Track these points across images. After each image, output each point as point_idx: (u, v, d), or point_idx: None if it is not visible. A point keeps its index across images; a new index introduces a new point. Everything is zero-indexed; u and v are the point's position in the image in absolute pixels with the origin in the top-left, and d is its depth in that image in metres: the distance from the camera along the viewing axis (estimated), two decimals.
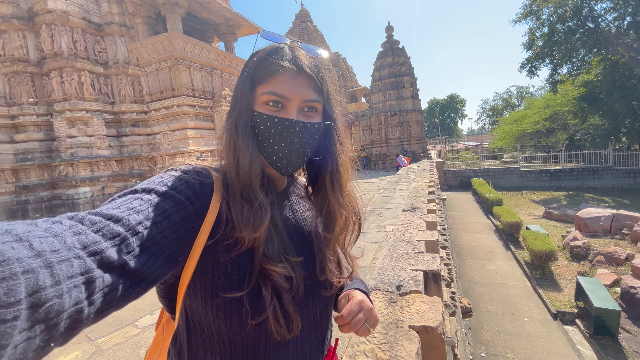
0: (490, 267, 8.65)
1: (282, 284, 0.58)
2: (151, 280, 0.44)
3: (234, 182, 0.58)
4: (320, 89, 0.63)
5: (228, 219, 0.56)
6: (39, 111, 10.27)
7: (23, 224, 0.34)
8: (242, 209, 0.56)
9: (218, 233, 0.55)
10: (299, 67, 0.60)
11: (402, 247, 2.29)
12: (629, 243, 8.86)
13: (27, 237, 0.32)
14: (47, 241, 0.33)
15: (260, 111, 0.60)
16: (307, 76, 0.61)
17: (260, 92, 0.60)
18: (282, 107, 0.60)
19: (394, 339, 1.18)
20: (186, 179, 0.55)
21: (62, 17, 9.98)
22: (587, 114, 21.46)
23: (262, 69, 0.60)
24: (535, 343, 5.59)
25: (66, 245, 0.34)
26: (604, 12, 18.37)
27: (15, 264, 0.28)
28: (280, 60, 0.59)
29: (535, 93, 49.46)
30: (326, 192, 0.67)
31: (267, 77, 0.59)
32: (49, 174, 10.36)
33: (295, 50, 0.62)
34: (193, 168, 0.59)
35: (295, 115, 0.60)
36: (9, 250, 0.29)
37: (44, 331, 0.30)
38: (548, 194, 16.96)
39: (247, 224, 0.55)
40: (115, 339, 2.92)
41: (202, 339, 0.60)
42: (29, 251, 0.30)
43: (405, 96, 19.01)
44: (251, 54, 0.64)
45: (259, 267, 0.57)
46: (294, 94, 0.60)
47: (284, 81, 0.59)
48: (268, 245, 0.58)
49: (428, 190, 5.54)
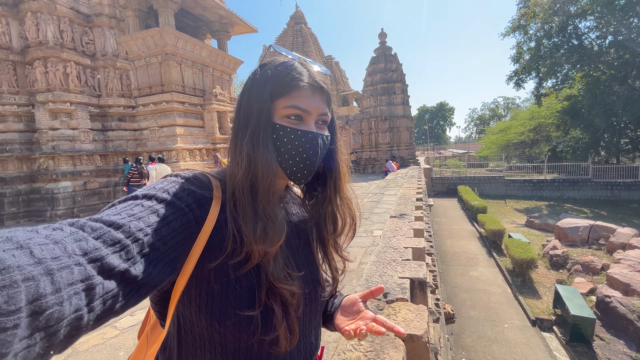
0: (473, 273, 8.82)
1: (291, 301, 0.59)
2: (150, 286, 0.44)
3: (245, 197, 0.58)
4: (329, 102, 0.67)
5: (235, 233, 0.56)
6: (19, 101, 9.89)
7: (24, 231, 0.34)
8: (255, 224, 0.56)
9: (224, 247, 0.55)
10: (317, 83, 0.64)
11: (390, 254, 2.31)
12: (605, 253, 9.20)
13: (27, 245, 0.32)
14: (48, 248, 0.33)
15: (282, 124, 0.62)
16: (322, 91, 0.65)
17: (281, 106, 0.62)
18: (301, 120, 0.63)
19: (380, 347, 1.18)
20: (186, 186, 0.55)
21: (48, 5, 9.66)
22: (569, 127, 22.27)
23: (282, 82, 0.62)
24: (514, 349, 5.72)
25: (67, 252, 0.34)
26: (587, 30, 19.16)
27: (16, 271, 0.28)
28: (301, 76, 0.62)
29: (521, 104, 51.00)
30: (329, 198, 0.71)
31: (289, 91, 0.62)
32: (28, 166, 9.98)
33: (308, 67, 0.65)
34: (193, 175, 0.59)
35: (314, 128, 0.64)
36: (10, 258, 0.29)
37: (44, 339, 0.30)
38: (530, 203, 17.46)
39: (264, 238, 0.56)
40: (93, 340, 2.82)
41: (193, 347, 0.59)
42: (29, 259, 0.31)
43: (396, 102, 19.25)
44: (261, 65, 0.65)
45: (267, 283, 0.58)
46: (314, 108, 0.63)
47: (304, 96, 0.62)
48: (274, 261, 0.59)
49: (416, 197, 5.62)
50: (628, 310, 5.90)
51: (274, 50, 0.69)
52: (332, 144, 0.70)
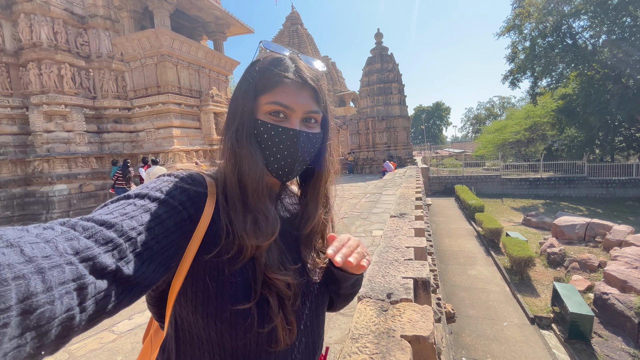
0: (471, 272, 8.85)
1: (286, 292, 0.59)
2: (144, 286, 0.43)
3: (234, 191, 0.59)
4: (320, 100, 0.65)
5: (228, 228, 0.56)
6: (13, 103, 9.79)
7: (14, 230, 0.34)
8: (245, 218, 0.57)
9: (218, 243, 0.55)
10: (303, 79, 0.61)
11: (392, 253, 2.30)
12: (602, 250, 9.27)
13: (18, 243, 0.31)
14: (39, 247, 0.33)
15: (263, 120, 0.61)
16: (310, 88, 0.62)
17: (264, 102, 0.61)
18: (285, 117, 0.61)
19: (386, 349, 1.17)
20: (180, 184, 0.55)
21: (42, 7, 9.57)
22: (564, 126, 22.47)
23: (266, 78, 0.60)
24: (513, 347, 5.74)
25: (58, 251, 0.34)
26: (581, 29, 19.35)
27: (6, 269, 0.28)
28: (285, 72, 0.60)
29: (516, 104, 51.40)
30: (306, 198, 0.70)
31: (272, 87, 0.60)
32: (23, 169, 9.87)
33: (297, 62, 0.63)
34: (188, 174, 0.59)
35: (298, 126, 0.62)
36: (0, 256, 0.29)
37: (35, 338, 0.29)
38: (527, 202, 17.57)
39: (256, 233, 0.56)
40: (90, 345, 2.78)
41: (192, 348, 0.59)
42: (20, 257, 0.30)
43: (393, 102, 19.29)
44: (252, 62, 0.64)
45: (262, 276, 0.57)
46: (298, 105, 0.61)
47: (288, 92, 0.60)
48: (268, 254, 0.59)
49: (415, 196, 5.62)
50: (625, 307, 5.94)
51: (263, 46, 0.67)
52: (322, 143, 0.69)
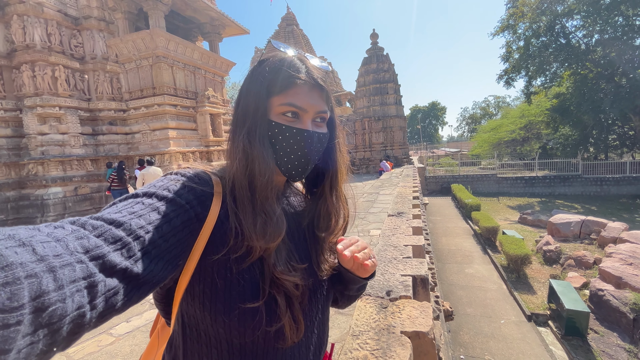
0: (469, 270, 8.89)
1: (294, 292, 0.59)
2: (152, 284, 0.44)
3: (244, 193, 0.59)
4: (329, 99, 0.66)
5: (237, 228, 0.56)
6: (7, 106, 9.67)
7: (26, 229, 0.35)
8: (255, 219, 0.57)
9: (226, 242, 0.55)
10: (314, 80, 0.62)
11: (390, 252, 2.31)
12: (597, 247, 9.36)
13: (30, 242, 0.32)
14: (50, 246, 0.33)
15: (277, 121, 0.61)
16: (319, 88, 0.64)
17: (277, 103, 0.61)
18: (297, 118, 0.62)
19: (387, 345, 1.17)
20: (187, 183, 0.56)
21: (35, 8, 9.48)
22: (558, 125, 22.66)
23: (278, 79, 0.61)
24: (511, 344, 5.78)
25: (68, 250, 0.35)
26: (574, 29, 19.54)
27: (19, 268, 0.29)
28: (297, 73, 0.61)
29: (511, 103, 51.72)
30: (324, 197, 0.71)
31: (285, 88, 0.61)
32: (17, 172, 9.75)
33: (306, 62, 0.64)
34: (194, 172, 0.60)
35: (309, 126, 0.63)
36: (12, 254, 0.30)
37: (47, 335, 0.30)
38: (523, 200, 17.70)
39: (263, 234, 0.56)
40: (88, 348, 2.76)
41: (199, 345, 0.59)
42: (32, 256, 0.31)
43: (389, 102, 19.36)
44: (260, 62, 0.64)
45: (270, 275, 0.58)
46: (310, 106, 0.62)
47: (300, 93, 0.61)
48: (277, 254, 0.59)
49: (412, 195, 5.64)
50: (621, 303, 6.00)
51: (274, 45, 0.68)
52: (331, 141, 0.70)
